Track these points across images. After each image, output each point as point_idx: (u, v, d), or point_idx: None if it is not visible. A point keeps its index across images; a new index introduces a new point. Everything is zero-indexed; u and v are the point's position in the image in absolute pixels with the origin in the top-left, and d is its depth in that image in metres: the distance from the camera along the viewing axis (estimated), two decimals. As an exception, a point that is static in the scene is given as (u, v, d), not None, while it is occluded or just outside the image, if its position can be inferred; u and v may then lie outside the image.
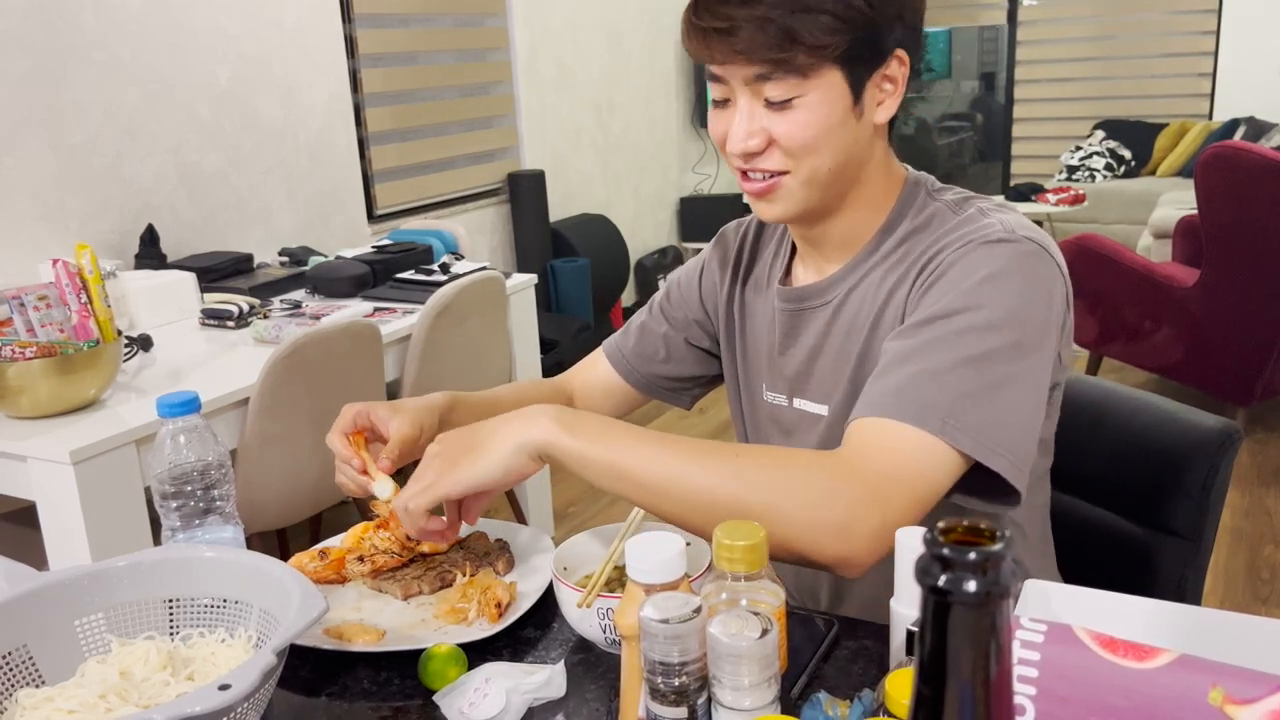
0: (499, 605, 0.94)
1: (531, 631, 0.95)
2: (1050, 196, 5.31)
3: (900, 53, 0.94)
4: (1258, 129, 5.69)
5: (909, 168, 1.05)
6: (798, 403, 1.09)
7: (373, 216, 3.69)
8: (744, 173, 0.97)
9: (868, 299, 1.01)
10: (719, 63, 0.92)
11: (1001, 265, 0.90)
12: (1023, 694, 0.60)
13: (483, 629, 0.93)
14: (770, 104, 0.92)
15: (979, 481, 0.88)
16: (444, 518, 0.97)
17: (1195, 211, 3.38)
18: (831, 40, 0.88)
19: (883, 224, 1.01)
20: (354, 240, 3.55)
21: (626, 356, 1.23)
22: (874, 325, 1.00)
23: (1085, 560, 1.19)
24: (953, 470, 0.86)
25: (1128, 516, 1.19)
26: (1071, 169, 6.29)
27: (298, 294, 2.70)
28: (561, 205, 4.62)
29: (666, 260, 5.39)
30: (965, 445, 0.85)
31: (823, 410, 1.06)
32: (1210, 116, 6.24)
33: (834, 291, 1.03)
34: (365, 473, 1.00)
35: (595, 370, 1.26)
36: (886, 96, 0.96)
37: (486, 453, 0.87)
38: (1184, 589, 1.13)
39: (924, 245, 0.97)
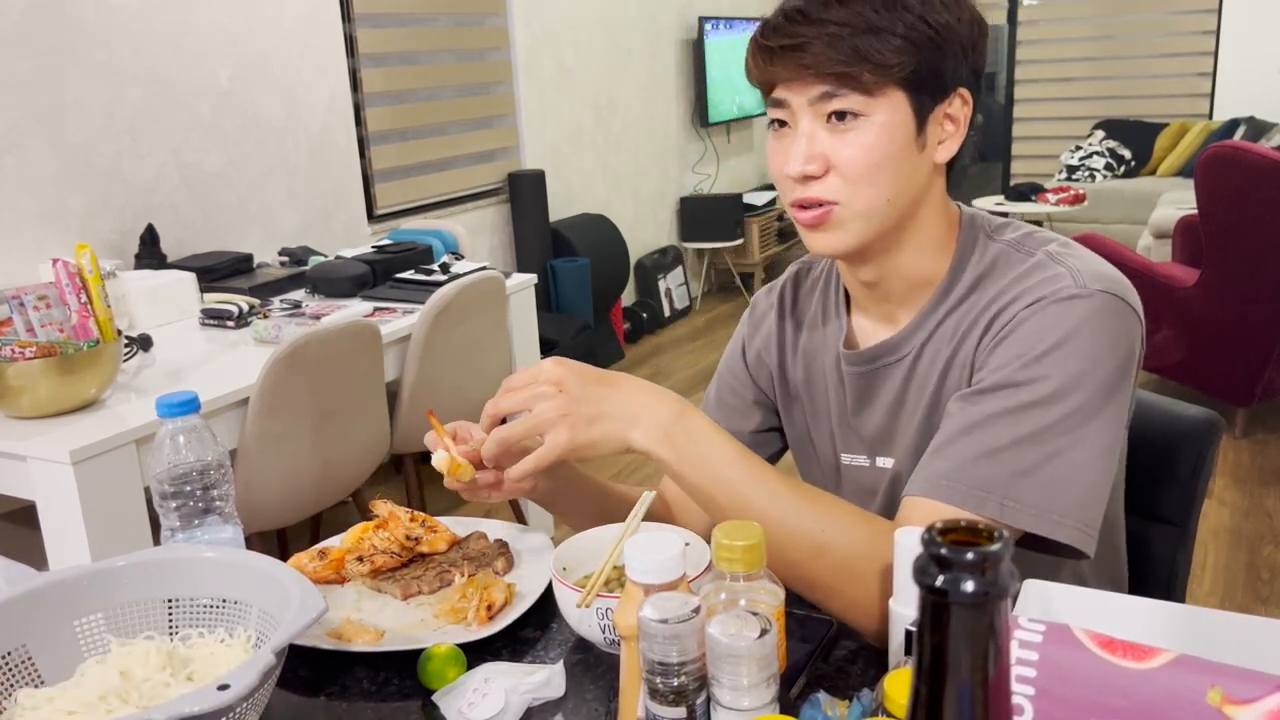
0: (489, 608, 0.94)
1: (531, 631, 0.95)
2: (1050, 196, 5.31)
3: (963, 91, 0.93)
4: (1258, 129, 5.69)
5: (960, 205, 1.02)
6: (880, 461, 1.05)
7: (373, 216, 3.69)
8: (798, 204, 0.94)
9: (942, 349, 0.98)
10: (785, 80, 0.91)
11: (1071, 327, 0.88)
12: (1021, 694, 0.60)
13: (475, 631, 0.93)
14: (834, 119, 0.90)
15: (1048, 541, 0.87)
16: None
17: (1195, 211, 3.38)
18: (898, 60, 0.88)
19: (949, 269, 0.98)
20: (354, 240, 3.55)
21: None
22: (943, 374, 0.97)
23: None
24: (1011, 541, 0.85)
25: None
26: (1071, 169, 6.29)
27: (298, 294, 2.70)
28: (561, 205, 4.62)
29: (666, 260, 5.39)
30: (1027, 524, 0.85)
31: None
32: (1210, 116, 6.25)
33: (908, 345, 1.00)
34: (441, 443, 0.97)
35: None
36: (948, 136, 0.94)
37: (606, 436, 0.88)
38: (1175, 574, 1.17)
39: (993, 292, 0.95)
